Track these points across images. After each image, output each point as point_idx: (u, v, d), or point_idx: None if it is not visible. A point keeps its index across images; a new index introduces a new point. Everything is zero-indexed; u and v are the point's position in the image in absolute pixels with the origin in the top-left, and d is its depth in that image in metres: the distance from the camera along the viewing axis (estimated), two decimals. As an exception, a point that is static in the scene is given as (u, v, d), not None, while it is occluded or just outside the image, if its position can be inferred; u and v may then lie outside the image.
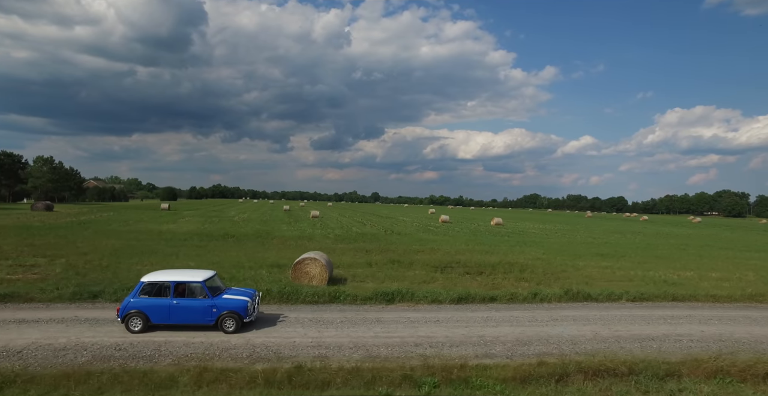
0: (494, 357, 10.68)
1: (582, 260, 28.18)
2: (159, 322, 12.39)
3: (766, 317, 15.59)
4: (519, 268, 23.85)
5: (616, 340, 12.14)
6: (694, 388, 8.58)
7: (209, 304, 12.47)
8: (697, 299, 17.61)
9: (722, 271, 25.23)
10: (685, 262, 29.18)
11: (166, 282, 12.61)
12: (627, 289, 18.86)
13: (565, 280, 21.08)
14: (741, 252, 38.18)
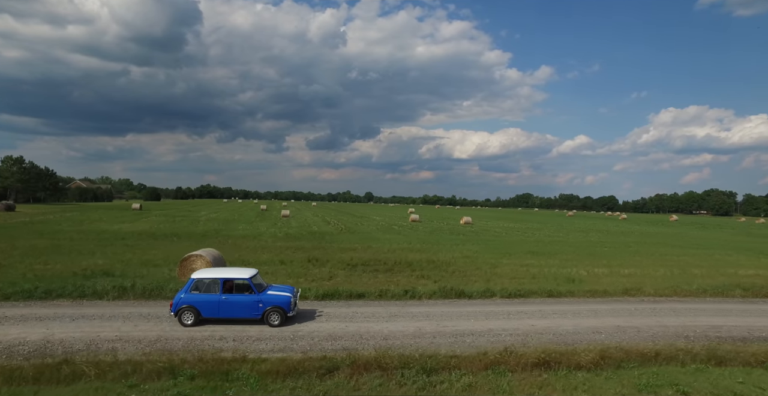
0: (286, 351, 10.88)
1: (509, 258, 28.54)
2: (209, 316, 13.12)
3: (612, 310, 16.06)
4: (435, 266, 24.22)
5: (434, 335, 12.37)
6: (454, 380, 8.84)
7: (256, 299, 13.26)
8: (573, 295, 17.97)
9: (637, 268, 25.65)
10: (612, 259, 29.58)
11: (215, 279, 13.39)
12: (519, 286, 19.14)
13: (471, 277, 21.45)
14: (684, 249, 38.68)
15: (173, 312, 13.04)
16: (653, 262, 29.00)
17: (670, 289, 19.17)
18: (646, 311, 15.96)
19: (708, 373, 10.07)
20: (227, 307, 13.11)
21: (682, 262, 29.11)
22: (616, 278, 21.92)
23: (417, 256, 28.01)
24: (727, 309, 16.84)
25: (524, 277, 21.66)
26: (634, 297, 18.09)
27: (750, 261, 31.44)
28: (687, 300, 18.17)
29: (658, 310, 16.23)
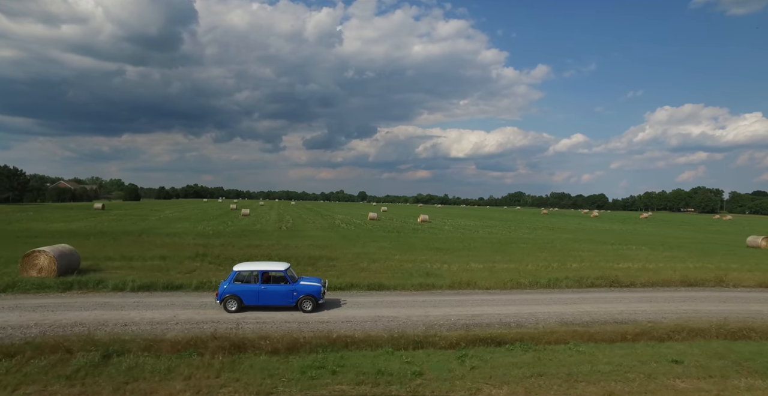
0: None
1: (405, 254, 29.24)
2: (250, 303, 14.99)
3: (409, 301, 16.93)
4: (321, 261, 25.07)
5: (167, 322, 13.52)
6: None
7: (291, 288, 15.14)
8: (404, 288, 18.77)
9: (519, 263, 26.18)
10: (511, 255, 30.21)
11: (255, 271, 15.28)
12: (368, 280, 19.78)
13: (343, 271, 22.10)
14: (604, 245, 39.58)
15: (218, 300, 14.90)
16: (548, 256, 29.79)
17: (507, 283, 19.94)
18: (434, 302, 16.79)
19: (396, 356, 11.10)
20: (266, 296, 15.05)
21: (577, 257, 29.91)
22: (476, 273, 22.48)
23: (318, 252, 28.79)
24: (514, 299, 17.73)
25: (387, 272, 22.33)
26: (454, 290, 18.89)
27: (644, 255, 32.52)
28: (497, 292, 18.99)
29: (448, 301, 17.04)
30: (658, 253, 34.36)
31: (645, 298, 18.41)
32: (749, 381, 10.12)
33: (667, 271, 24.03)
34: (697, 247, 40.97)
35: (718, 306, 17.33)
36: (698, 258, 31.51)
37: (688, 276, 21.76)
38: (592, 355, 11.37)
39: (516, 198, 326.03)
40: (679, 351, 11.90)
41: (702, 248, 39.55)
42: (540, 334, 12.59)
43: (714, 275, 22.56)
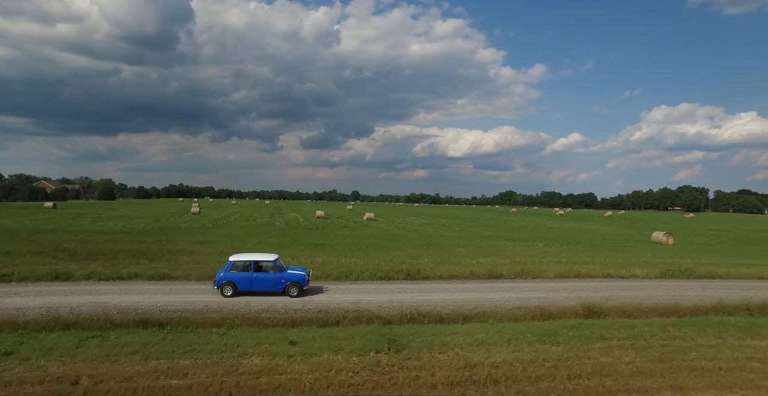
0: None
1: (282, 249, 30.16)
2: (243, 289, 17.01)
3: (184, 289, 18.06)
4: (180, 254, 26.71)
5: None
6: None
7: (279, 276, 17.16)
8: (188, 278, 19.68)
9: (370, 258, 27.13)
10: (388, 251, 31.26)
11: (248, 261, 17.25)
12: (192, 272, 20.82)
13: (174, 262, 23.56)
14: (508, 241, 40.55)
15: (216, 286, 16.86)
16: (415, 252, 30.83)
17: (333, 274, 21.19)
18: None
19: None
20: (258, 283, 17.08)
21: (443, 252, 30.92)
22: (327, 266, 23.37)
23: (195, 247, 30.13)
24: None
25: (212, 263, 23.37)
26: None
27: (524, 250, 33.86)
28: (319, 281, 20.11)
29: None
30: (548, 248, 35.50)
31: (420, 288, 19.31)
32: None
33: (505, 265, 24.82)
34: (600, 243, 41.81)
35: (482, 294, 18.25)
36: (576, 253, 32.64)
37: (494, 270, 22.66)
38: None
39: (507, 197, 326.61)
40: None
41: (603, 245, 40.38)
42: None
43: (539, 269, 23.65)
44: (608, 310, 14.66)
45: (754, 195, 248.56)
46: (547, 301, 16.39)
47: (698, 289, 20.29)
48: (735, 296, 18.00)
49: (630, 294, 18.49)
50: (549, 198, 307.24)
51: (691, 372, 10.20)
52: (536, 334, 12.34)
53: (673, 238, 45.86)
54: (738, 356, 11.34)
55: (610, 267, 25.25)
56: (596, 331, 12.63)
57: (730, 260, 31.19)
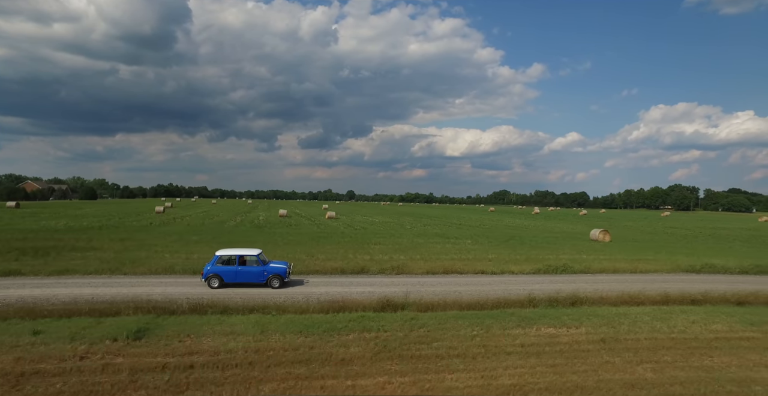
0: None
1: (192, 245, 31.07)
2: (229, 281, 18.33)
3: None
4: (87, 250, 27.54)
5: None
6: None
7: (262, 269, 18.53)
8: (39, 273, 20.39)
9: (300, 253, 27.84)
10: (321, 247, 32.06)
11: (233, 255, 18.60)
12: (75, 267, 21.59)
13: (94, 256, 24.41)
14: (440, 238, 40.99)
15: (203, 279, 18.15)
16: (334, 249, 31.34)
17: None
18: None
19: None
20: (242, 275, 18.39)
21: (356, 249, 31.47)
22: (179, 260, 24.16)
23: (100, 244, 30.71)
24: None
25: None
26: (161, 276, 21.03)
27: (442, 247, 34.45)
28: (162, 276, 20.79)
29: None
30: (471, 246, 36.02)
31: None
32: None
33: (389, 261, 25.41)
34: (532, 241, 42.29)
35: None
36: (488, 250, 33.34)
37: (366, 266, 23.37)
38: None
39: (501, 196, 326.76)
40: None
41: (533, 242, 40.91)
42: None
43: (413, 265, 24.26)
44: (408, 305, 15.17)
45: (744, 194, 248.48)
46: (362, 295, 16.94)
47: (537, 283, 20.78)
48: (553, 288, 18.62)
49: (455, 289, 19.13)
50: (542, 197, 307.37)
51: (419, 360, 10.78)
52: (300, 326, 12.87)
53: (609, 235, 46.32)
54: (473, 344, 11.87)
55: (501, 263, 25.88)
56: (347, 324, 13.15)
57: (636, 256, 31.66)
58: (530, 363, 10.86)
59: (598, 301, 16.74)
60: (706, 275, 24.94)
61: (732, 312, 16.06)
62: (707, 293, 18.30)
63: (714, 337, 13.23)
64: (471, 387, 9.54)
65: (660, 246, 41.01)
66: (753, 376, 10.56)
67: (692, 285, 21.10)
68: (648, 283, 21.56)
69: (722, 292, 18.74)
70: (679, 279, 23.17)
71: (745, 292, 18.56)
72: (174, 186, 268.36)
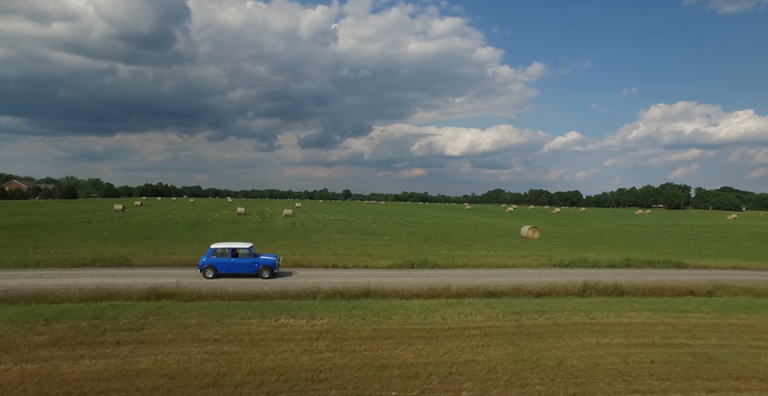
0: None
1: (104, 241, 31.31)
2: (223, 272, 19.88)
3: None
4: None
5: None
6: None
7: (253, 261, 20.06)
8: None
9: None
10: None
11: (227, 248, 20.16)
12: None
13: None
14: (375, 235, 41.11)
15: (199, 270, 19.70)
16: None
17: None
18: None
19: None
20: (235, 266, 19.96)
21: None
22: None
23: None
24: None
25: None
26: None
27: (346, 244, 34.45)
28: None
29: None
30: (379, 242, 36.33)
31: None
32: None
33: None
34: (458, 238, 42.37)
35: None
36: (396, 246, 33.50)
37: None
38: None
39: (496, 195, 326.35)
40: None
41: (458, 239, 41.09)
42: None
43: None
44: (172, 294, 15.32)
45: (735, 192, 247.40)
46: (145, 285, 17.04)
47: (362, 277, 20.65)
48: (362, 281, 18.60)
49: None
50: (537, 196, 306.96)
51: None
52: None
53: (538, 232, 46.30)
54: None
55: (365, 258, 25.97)
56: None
57: (531, 252, 31.66)
58: (232, 349, 11.00)
59: (390, 294, 16.76)
60: (567, 269, 24.92)
61: (510, 303, 16.20)
62: (519, 286, 18.33)
63: (453, 327, 13.26)
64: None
65: (584, 243, 40.93)
66: (419, 361, 10.66)
67: (525, 278, 21.02)
68: (485, 277, 21.46)
69: (532, 284, 18.83)
70: (528, 273, 23.10)
71: (544, 284, 18.80)
72: (164, 185, 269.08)
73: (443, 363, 10.56)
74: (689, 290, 18.66)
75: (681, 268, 26.68)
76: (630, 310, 15.63)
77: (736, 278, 22.78)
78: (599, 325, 13.85)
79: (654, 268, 26.47)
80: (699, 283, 19.78)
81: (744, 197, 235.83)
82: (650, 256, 29.15)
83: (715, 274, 24.76)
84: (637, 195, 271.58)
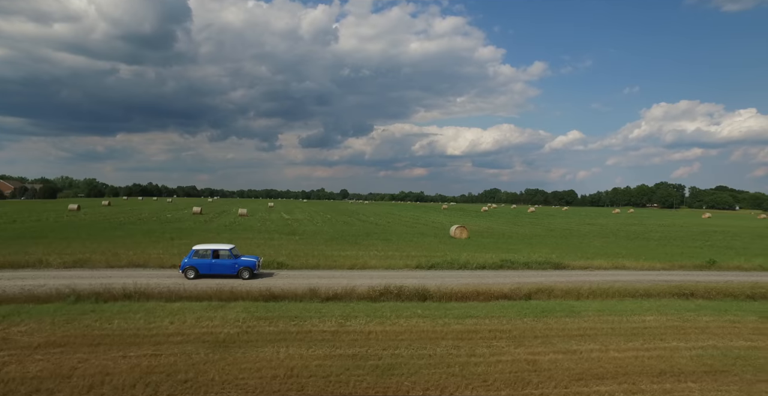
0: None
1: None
2: (204, 273, 20.00)
3: None
4: None
5: None
6: None
7: (234, 262, 20.21)
8: None
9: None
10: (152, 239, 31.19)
11: (208, 249, 20.37)
12: None
13: None
14: (293, 235, 40.22)
15: (181, 271, 19.83)
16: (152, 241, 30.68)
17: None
18: None
19: None
20: (216, 267, 20.12)
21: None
22: None
23: None
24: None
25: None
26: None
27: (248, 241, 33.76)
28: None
29: None
30: (287, 241, 35.58)
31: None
32: None
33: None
34: (394, 237, 41.46)
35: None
36: (312, 247, 32.65)
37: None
38: None
39: (492, 194, 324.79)
40: None
41: (390, 237, 40.12)
42: None
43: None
44: None
45: (730, 191, 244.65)
46: None
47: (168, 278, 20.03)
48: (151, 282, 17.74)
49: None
50: (532, 195, 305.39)
51: None
52: None
53: (467, 231, 45.14)
54: None
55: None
56: None
57: (422, 253, 30.55)
58: None
59: (155, 296, 15.82)
60: (421, 271, 23.72)
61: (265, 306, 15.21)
62: (316, 289, 17.23)
63: (173, 333, 12.23)
64: None
65: (510, 243, 39.72)
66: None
67: (345, 280, 19.77)
68: (309, 278, 20.42)
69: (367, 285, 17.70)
70: (368, 275, 21.75)
71: (349, 287, 17.77)
72: (154, 185, 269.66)
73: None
74: (504, 294, 17.44)
75: (558, 269, 25.45)
76: (408, 317, 14.47)
77: (584, 280, 21.52)
78: (346, 334, 12.70)
79: (529, 269, 25.26)
80: (526, 287, 18.54)
81: (738, 196, 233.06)
82: (544, 257, 27.88)
83: (579, 274, 23.57)
84: (632, 194, 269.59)
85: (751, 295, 19.25)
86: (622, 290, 18.65)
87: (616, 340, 12.92)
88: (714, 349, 12.41)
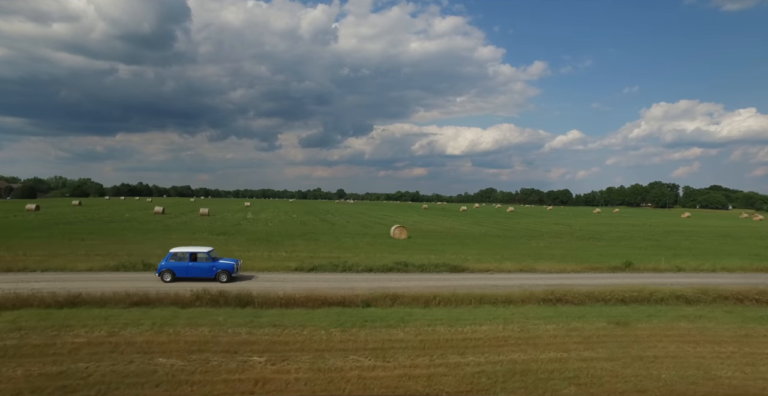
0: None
1: None
2: (181, 276, 19.44)
3: None
4: None
5: None
6: None
7: (211, 265, 19.76)
8: None
9: None
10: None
11: (185, 252, 19.82)
12: None
13: None
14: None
15: (157, 274, 19.35)
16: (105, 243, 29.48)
17: None
18: None
19: None
20: (193, 270, 19.58)
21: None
22: None
23: None
24: None
25: None
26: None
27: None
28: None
29: None
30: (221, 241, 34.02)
31: None
32: None
33: None
34: (333, 237, 40.29)
35: None
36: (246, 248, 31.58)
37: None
38: None
39: (488, 194, 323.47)
40: None
41: (327, 238, 39.23)
42: None
43: None
44: None
45: (723, 191, 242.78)
46: None
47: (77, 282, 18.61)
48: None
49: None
50: (528, 195, 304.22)
51: None
52: None
53: (406, 232, 43.81)
54: None
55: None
56: None
57: (333, 254, 29.23)
58: None
59: None
60: (303, 274, 22.40)
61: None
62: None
63: None
64: None
65: (446, 244, 38.36)
66: None
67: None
68: (148, 281, 19.11)
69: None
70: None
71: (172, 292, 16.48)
72: (144, 185, 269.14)
73: None
74: (340, 301, 16.02)
75: (455, 273, 23.97)
76: (184, 325, 13.14)
77: (462, 284, 20.14)
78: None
79: (422, 272, 23.82)
80: (371, 293, 17.08)
81: (732, 195, 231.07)
82: (445, 260, 26.48)
83: (469, 278, 22.20)
84: (626, 194, 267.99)
85: (623, 299, 17.82)
86: (483, 296, 17.17)
87: (408, 354, 11.53)
88: (504, 364, 10.99)
